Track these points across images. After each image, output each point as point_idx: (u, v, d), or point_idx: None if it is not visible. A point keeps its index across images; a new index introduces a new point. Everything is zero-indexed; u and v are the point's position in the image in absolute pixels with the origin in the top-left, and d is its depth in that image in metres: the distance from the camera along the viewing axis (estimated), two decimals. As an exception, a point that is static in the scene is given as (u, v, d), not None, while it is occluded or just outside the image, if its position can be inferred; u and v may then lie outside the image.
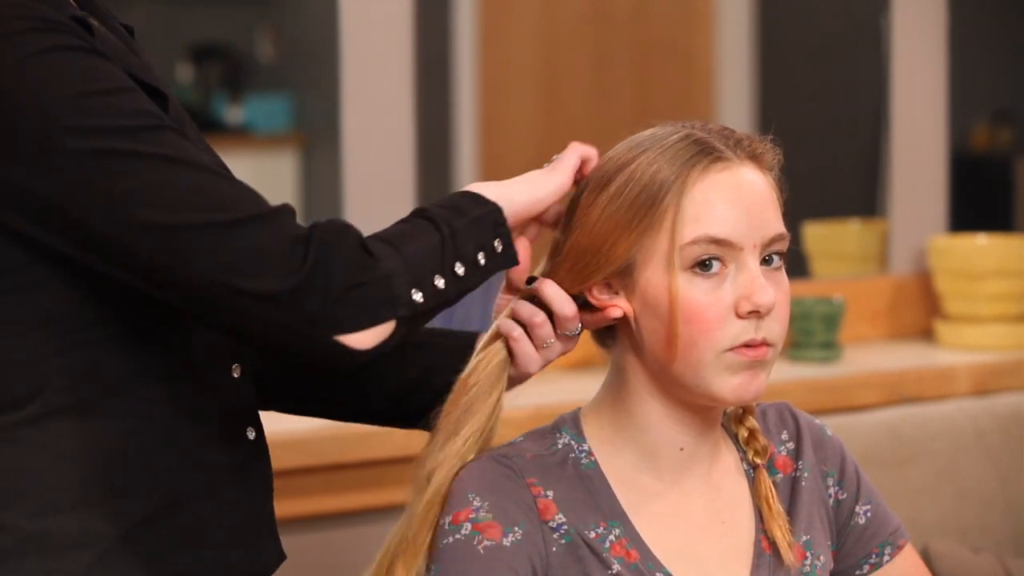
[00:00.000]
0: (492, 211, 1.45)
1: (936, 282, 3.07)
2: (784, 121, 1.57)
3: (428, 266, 1.39)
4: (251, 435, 1.50)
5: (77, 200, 1.32)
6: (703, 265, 1.44)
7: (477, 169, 4.68)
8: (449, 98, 4.70)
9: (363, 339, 1.35)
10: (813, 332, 2.81)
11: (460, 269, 1.41)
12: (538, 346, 1.51)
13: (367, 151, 2.66)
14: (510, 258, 1.46)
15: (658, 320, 1.45)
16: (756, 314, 1.44)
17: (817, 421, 1.62)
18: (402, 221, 1.44)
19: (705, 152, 1.45)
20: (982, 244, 3.11)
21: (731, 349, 1.44)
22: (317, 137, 5.66)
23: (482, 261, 1.43)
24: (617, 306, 1.48)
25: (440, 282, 1.39)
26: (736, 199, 1.44)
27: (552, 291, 1.49)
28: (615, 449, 1.50)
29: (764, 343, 1.45)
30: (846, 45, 4.15)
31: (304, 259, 1.32)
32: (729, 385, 1.45)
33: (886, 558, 1.60)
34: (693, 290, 1.44)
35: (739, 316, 1.44)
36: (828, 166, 3.83)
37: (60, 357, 1.37)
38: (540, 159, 1.54)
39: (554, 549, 1.45)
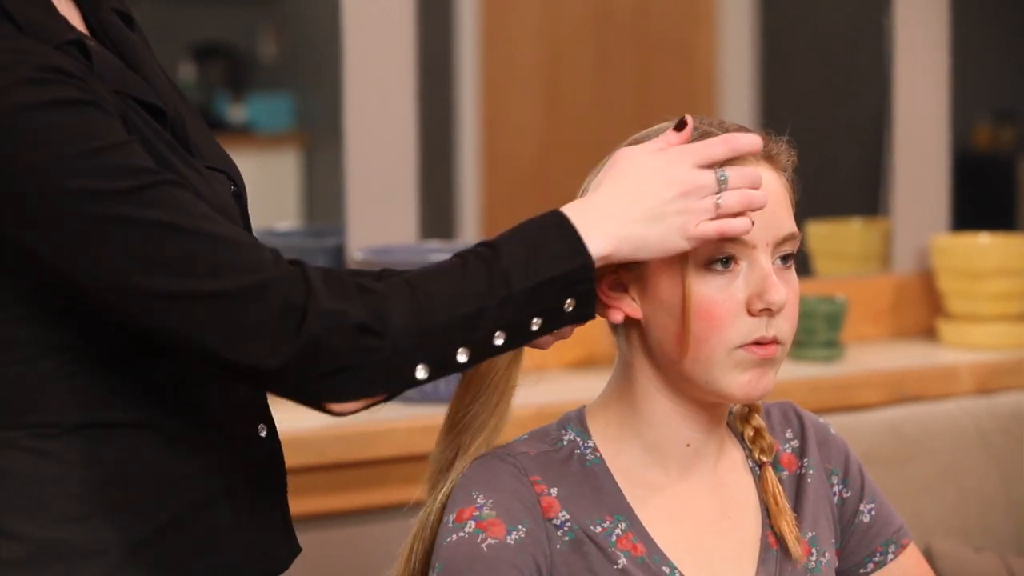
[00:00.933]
0: (578, 268, 1.30)
1: (938, 281, 3.06)
2: (786, 120, 1.57)
3: (453, 340, 1.29)
4: (263, 432, 1.50)
5: (69, 261, 1.29)
6: (716, 262, 1.44)
7: (479, 168, 4.67)
8: (451, 97, 4.69)
9: (349, 407, 1.32)
10: (816, 331, 2.80)
11: (499, 339, 1.30)
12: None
13: (369, 150, 2.66)
14: (580, 316, 1.32)
15: (670, 316, 1.45)
16: (768, 312, 1.44)
17: (821, 420, 1.63)
18: (462, 264, 1.30)
19: None
20: (984, 243, 3.11)
21: (742, 346, 1.44)
22: (319, 136, 5.66)
23: (535, 327, 1.31)
24: (620, 309, 1.47)
25: (463, 356, 1.30)
26: None
27: None
28: (621, 445, 1.51)
29: (774, 341, 1.46)
30: (848, 44, 4.15)
31: (296, 334, 1.27)
32: (738, 382, 1.45)
33: (890, 556, 1.60)
34: (706, 287, 1.44)
35: (751, 314, 1.44)
36: (830, 165, 3.82)
37: (71, 379, 1.37)
38: (542, 158, 1.53)
39: (558, 547, 1.45)
